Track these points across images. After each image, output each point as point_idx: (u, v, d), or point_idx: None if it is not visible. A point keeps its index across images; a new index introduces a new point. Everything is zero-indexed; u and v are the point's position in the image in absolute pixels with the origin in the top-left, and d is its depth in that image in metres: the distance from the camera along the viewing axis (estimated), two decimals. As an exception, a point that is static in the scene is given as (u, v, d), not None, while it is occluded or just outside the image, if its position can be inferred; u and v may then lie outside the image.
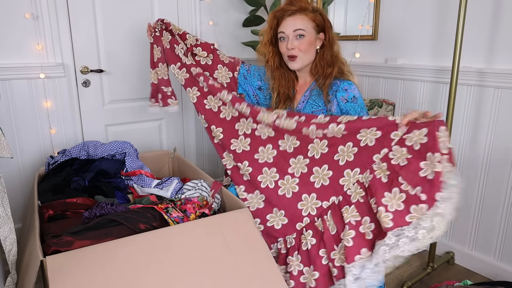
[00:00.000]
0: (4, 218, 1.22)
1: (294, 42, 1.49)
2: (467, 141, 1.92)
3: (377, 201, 1.20)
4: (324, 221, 1.35)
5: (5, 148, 1.20)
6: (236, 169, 1.57)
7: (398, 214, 1.16)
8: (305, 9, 1.49)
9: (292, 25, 1.49)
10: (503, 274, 1.85)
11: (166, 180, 1.75)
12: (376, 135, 1.28)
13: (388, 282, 1.87)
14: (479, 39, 1.81)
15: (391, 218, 1.15)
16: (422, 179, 1.17)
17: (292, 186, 1.42)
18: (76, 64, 2.17)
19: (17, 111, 2.04)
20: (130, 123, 2.42)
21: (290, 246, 1.40)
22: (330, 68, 1.52)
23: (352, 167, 1.33)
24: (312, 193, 1.39)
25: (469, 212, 1.97)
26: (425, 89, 2.04)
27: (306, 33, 1.48)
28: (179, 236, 1.27)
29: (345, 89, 1.49)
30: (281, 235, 1.42)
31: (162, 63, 1.76)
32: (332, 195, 1.36)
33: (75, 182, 1.66)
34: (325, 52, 1.52)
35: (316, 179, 1.39)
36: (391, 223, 1.15)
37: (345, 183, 1.34)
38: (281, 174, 1.45)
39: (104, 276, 1.11)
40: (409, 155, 1.22)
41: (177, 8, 2.44)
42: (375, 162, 1.28)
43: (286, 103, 1.60)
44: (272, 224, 1.41)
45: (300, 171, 1.42)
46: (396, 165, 1.23)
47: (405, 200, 1.17)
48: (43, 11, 2.00)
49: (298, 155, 1.44)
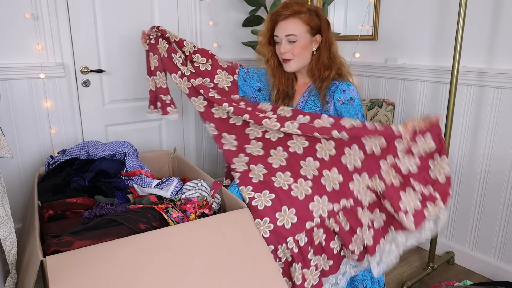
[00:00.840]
0: (4, 218, 1.22)
1: (286, 46, 1.49)
2: (467, 141, 1.92)
3: (394, 205, 1.27)
4: (337, 220, 1.37)
5: (5, 148, 1.20)
6: (246, 171, 1.52)
7: (418, 214, 1.25)
8: (299, 13, 1.48)
9: (285, 29, 1.48)
10: (503, 274, 1.85)
11: (166, 180, 1.75)
12: (381, 140, 1.32)
13: (388, 282, 1.87)
14: (479, 39, 1.81)
15: (413, 221, 1.24)
16: (432, 178, 1.28)
17: (305, 189, 1.41)
18: (76, 64, 2.17)
19: (17, 111, 2.04)
20: (130, 123, 2.42)
21: (303, 244, 1.37)
22: (327, 71, 1.51)
23: (360, 172, 1.37)
24: (324, 195, 1.40)
25: (469, 212, 1.97)
26: (425, 89, 2.04)
27: (299, 38, 1.48)
28: (179, 236, 1.27)
29: (343, 90, 1.49)
30: (290, 234, 1.37)
31: (160, 71, 1.75)
32: (343, 198, 1.38)
33: (75, 182, 1.66)
34: (322, 55, 1.51)
35: (326, 182, 1.41)
36: (413, 226, 1.24)
37: (355, 188, 1.37)
38: (295, 177, 1.44)
39: (104, 276, 1.10)
40: (417, 160, 1.29)
41: (177, 8, 2.44)
42: (382, 168, 1.33)
43: (285, 100, 1.61)
44: (282, 223, 1.37)
45: (312, 173, 1.43)
46: (405, 170, 1.30)
47: (421, 200, 1.26)
48: (43, 11, 2.00)
49: (308, 156, 1.45)
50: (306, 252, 1.36)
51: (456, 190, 2.00)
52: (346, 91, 1.48)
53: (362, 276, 1.52)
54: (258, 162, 1.51)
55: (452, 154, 1.96)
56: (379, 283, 1.55)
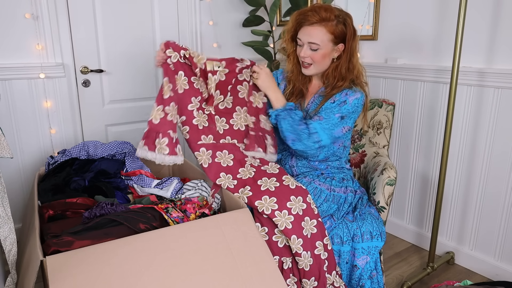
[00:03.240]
0: (4, 218, 1.22)
1: (307, 52, 1.49)
2: (467, 141, 1.92)
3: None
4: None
5: (5, 148, 1.20)
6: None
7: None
8: (326, 20, 1.43)
9: (308, 36, 1.46)
10: (503, 274, 1.85)
11: (166, 180, 1.75)
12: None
13: (388, 282, 1.87)
14: (479, 39, 1.81)
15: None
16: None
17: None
18: (76, 64, 2.17)
19: (17, 111, 2.04)
20: (130, 123, 2.42)
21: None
22: (341, 81, 1.51)
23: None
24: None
25: (469, 212, 1.97)
26: (425, 89, 2.04)
27: (321, 47, 1.46)
28: (179, 236, 1.27)
29: (346, 93, 1.49)
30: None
31: (175, 103, 1.45)
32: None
33: (75, 182, 1.66)
34: (341, 64, 1.50)
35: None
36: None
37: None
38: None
39: (104, 276, 1.11)
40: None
41: (177, 8, 2.44)
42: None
43: (298, 97, 1.62)
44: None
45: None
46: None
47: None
48: (43, 11, 2.00)
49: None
50: None
51: (456, 190, 2.00)
52: (347, 95, 1.49)
53: (360, 276, 1.52)
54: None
55: (452, 154, 1.96)
56: (379, 283, 1.55)
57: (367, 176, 1.80)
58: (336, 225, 1.53)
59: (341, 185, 1.58)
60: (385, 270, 1.96)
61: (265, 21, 2.60)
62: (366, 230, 1.50)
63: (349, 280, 1.53)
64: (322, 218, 1.50)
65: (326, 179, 1.58)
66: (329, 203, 1.52)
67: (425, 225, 2.18)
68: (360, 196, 1.64)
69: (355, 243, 1.50)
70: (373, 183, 1.66)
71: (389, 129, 1.86)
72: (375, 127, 1.90)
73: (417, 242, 2.22)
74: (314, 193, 1.51)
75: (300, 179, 1.58)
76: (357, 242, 1.49)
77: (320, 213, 1.49)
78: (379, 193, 1.60)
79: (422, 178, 2.15)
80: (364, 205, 1.62)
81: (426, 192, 2.15)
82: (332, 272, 1.45)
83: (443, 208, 2.04)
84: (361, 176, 1.87)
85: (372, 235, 1.50)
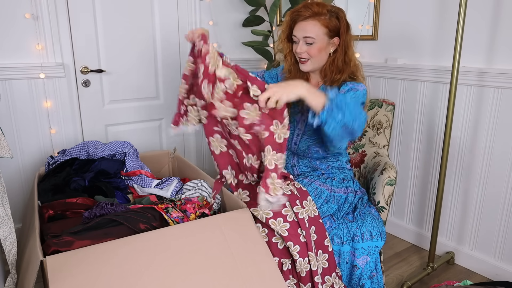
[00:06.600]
0: (4, 218, 1.22)
1: (303, 47, 1.49)
2: (467, 141, 1.92)
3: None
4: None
5: (5, 148, 1.20)
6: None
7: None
8: (319, 14, 1.45)
9: (303, 30, 1.47)
10: (503, 274, 1.85)
11: (166, 180, 1.75)
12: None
13: (388, 282, 1.87)
14: (479, 39, 1.81)
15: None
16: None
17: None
18: (76, 64, 2.17)
19: (17, 111, 2.04)
20: (130, 123, 2.42)
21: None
22: (339, 74, 1.51)
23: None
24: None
25: (469, 212, 1.97)
26: (425, 89, 2.04)
27: (316, 40, 1.47)
28: (179, 236, 1.27)
29: (351, 86, 1.49)
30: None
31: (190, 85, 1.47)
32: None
33: (75, 182, 1.66)
34: (337, 58, 1.51)
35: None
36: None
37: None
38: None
39: (104, 276, 1.11)
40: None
41: (177, 8, 2.44)
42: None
43: None
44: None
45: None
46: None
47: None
48: (43, 11, 2.00)
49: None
50: None
51: (456, 190, 2.00)
52: (354, 86, 1.48)
53: (360, 276, 1.52)
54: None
55: (452, 154, 1.96)
56: (379, 283, 1.55)
57: (367, 176, 1.80)
58: (336, 225, 1.53)
59: (341, 186, 1.58)
60: (385, 270, 1.96)
61: (265, 21, 2.60)
62: (366, 230, 1.50)
63: (349, 280, 1.53)
64: (322, 219, 1.50)
65: (327, 179, 1.58)
66: (329, 204, 1.52)
67: (425, 225, 2.18)
68: (360, 196, 1.64)
69: (355, 243, 1.50)
70: (373, 183, 1.66)
71: (389, 129, 1.87)
72: (375, 127, 1.90)
73: (417, 242, 2.22)
74: (314, 194, 1.51)
75: (300, 179, 1.58)
76: (357, 242, 1.49)
77: (321, 213, 1.49)
78: (379, 193, 1.60)
79: (422, 178, 2.15)
80: (364, 205, 1.62)
81: (426, 192, 2.15)
82: (332, 274, 1.45)
83: (443, 208, 2.04)
84: (361, 176, 1.87)
85: (372, 235, 1.50)
